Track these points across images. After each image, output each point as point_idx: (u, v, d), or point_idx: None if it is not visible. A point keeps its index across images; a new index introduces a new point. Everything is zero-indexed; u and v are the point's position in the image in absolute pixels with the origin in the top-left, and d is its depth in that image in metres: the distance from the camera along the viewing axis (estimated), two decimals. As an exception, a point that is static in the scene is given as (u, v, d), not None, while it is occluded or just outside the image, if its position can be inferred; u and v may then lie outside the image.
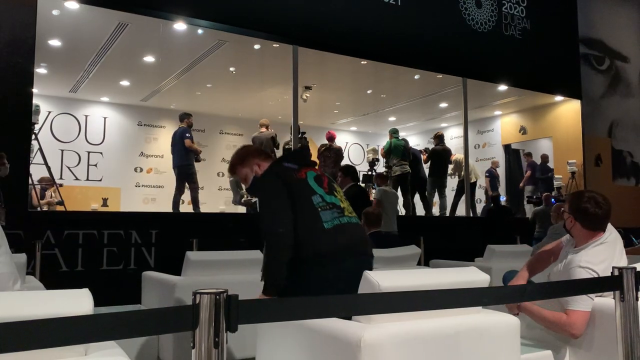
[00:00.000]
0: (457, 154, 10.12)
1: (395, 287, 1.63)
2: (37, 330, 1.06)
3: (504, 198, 11.44)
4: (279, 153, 8.74)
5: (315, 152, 9.34)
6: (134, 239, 5.63)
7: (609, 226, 2.54)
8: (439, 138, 9.85)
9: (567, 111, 10.78)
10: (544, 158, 11.15)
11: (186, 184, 8.34)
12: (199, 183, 8.63)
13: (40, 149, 6.99)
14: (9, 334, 1.02)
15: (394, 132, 9.61)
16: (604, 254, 2.44)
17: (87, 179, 10.65)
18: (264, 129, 8.61)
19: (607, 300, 2.27)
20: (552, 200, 9.54)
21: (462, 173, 9.83)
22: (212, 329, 1.19)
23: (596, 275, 2.35)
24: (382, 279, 1.67)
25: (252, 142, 8.72)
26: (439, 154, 9.60)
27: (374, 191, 8.60)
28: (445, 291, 1.65)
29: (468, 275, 1.90)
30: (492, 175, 11.38)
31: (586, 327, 2.34)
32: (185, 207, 11.15)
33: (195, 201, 8.31)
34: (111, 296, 4.57)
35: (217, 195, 11.08)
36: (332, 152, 8.91)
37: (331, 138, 8.97)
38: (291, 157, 2.75)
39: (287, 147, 8.54)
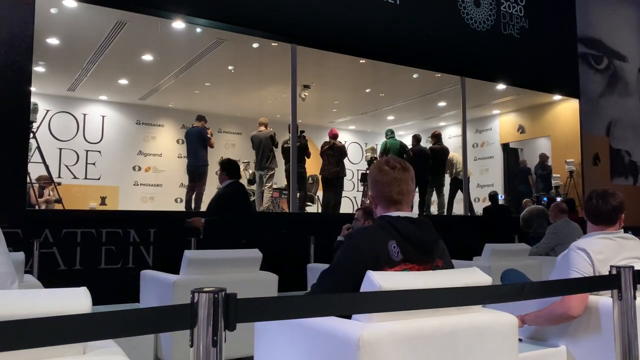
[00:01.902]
0: (450, 152, 10.12)
1: (398, 289, 1.62)
2: (35, 328, 1.06)
3: (503, 197, 11.44)
4: (277, 153, 8.71)
5: (316, 150, 9.36)
6: (132, 237, 5.63)
7: (627, 234, 2.55)
8: (436, 137, 9.85)
9: (566, 110, 10.79)
10: (543, 157, 11.15)
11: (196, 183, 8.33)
12: (189, 180, 8.61)
13: (38, 147, 6.99)
14: (7, 333, 1.02)
15: (388, 133, 9.64)
16: (605, 247, 2.44)
17: (86, 178, 10.64)
18: (262, 128, 8.59)
19: (604, 299, 2.28)
20: (544, 198, 9.55)
21: (454, 171, 9.86)
22: (211, 327, 1.20)
23: (589, 261, 2.37)
24: (384, 280, 1.67)
25: (250, 141, 8.70)
26: (436, 153, 9.60)
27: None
28: (444, 290, 1.65)
29: (470, 277, 1.89)
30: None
31: (584, 326, 2.35)
32: (184, 206, 11.17)
33: (199, 198, 8.31)
34: (109, 295, 4.58)
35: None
36: (335, 150, 8.93)
37: (334, 136, 8.95)
38: (405, 234, 1.90)
39: (285, 145, 8.52)
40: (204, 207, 8.53)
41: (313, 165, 9.42)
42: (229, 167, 4.94)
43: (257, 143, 8.52)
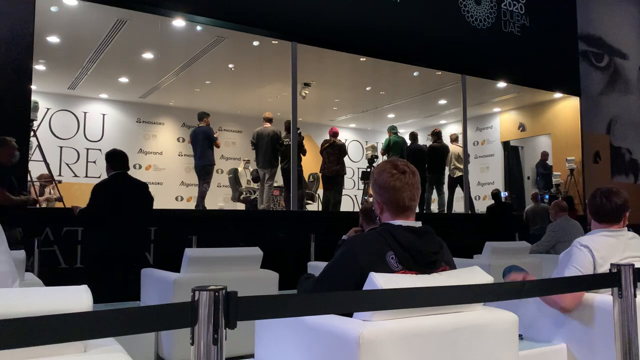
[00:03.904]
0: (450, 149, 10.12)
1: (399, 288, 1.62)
2: (36, 327, 1.06)
3: (506, 194, 11.43)
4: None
5: (317, 149, 9.36)
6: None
7: (631, 233, 2.56)
8: (436, 135, 9.85)
9: (566, 108, 10.79)
10: (544, 155, 11.13)
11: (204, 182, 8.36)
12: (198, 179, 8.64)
13: (39, 145, 6.98)
14: (8, 331, 1.02)
15: (392, 129, 9.60)
16: (608, 245, 2.45)
17: (86, 176, 10.64)
18: (267, 124, 8.51)
19: (605, 297, 2.28)
20: (546, 196, 9.53)
21: (449, 167, 9.89)
22: (211, 325, 1.20)
23: (591, 258, 2.40)
24: (386, 282, 1.66)
25: (252, 136, 8.62)
26: (437, 151, 9.59)
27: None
28: (444, 288, 1.66)
29: (471, 276, 1.89)
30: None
31: (584, 324, 2.35)
32: (184, 204, 11.18)
33: (202, 197, 8.33)
34: (110, 293, 4.57)
35: (216, 192, 11.07)
36: (335, 148, 8.92)
37: (335, 134, 8.93)
38: (405, 245, 1.84)
39: (285, 143, 8.49)
40: (208, 206, 8.58)
41: (313, 163, 9.41)
42: (112, 158, 4.63)
43: (260, 139, 8.44)
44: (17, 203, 4.75)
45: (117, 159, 4.62)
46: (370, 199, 8.52)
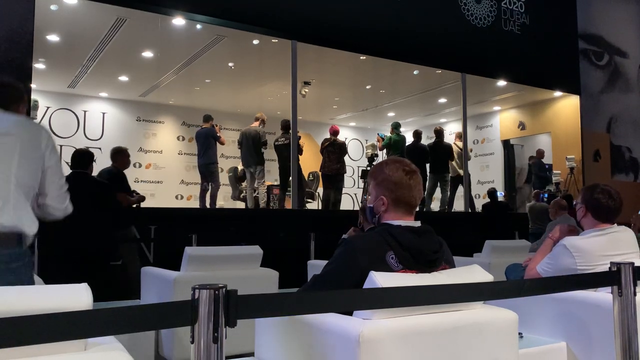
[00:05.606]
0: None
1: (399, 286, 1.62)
2: (36, 325, 1.06)
3: (503, 194, 11.42)
4: (267, 154, 8.68)
5: (317, 147, 9.35)
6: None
7: (621, 227, 2.59)
8: (437, 133, 9.83)
9: (566, 107, 10.78)
10: (540, 153, 11.10)
11: (209, 182, 8.49)
12: (201, 179, 8.70)
13: (38, 144, 6.98)
14: (8, 329, 1.02)
15: (395, 127, 9.58)
16: (599, 245, 2.47)
17: (86, 175, 10.63)
18: (255, 124, 8.55)
19: (604, 295, 2.28)
20: (545, 195, 9.53)
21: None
22: (211, 324, 1.20)
23: (574, 261, 2.48)
24: (386, 281, 1.66)
25: (240, 137, 8.66)
26: (437, 150, 9.58)
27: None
28: (445, 287, 1.66)
29: (470, 275, 1.89)
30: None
31: (584, 322, 2.36)
32: (184, 203, 11.18)
33: (213, 199, 8.41)
34: (110, 292, 4.58)
35: (216, 191, 11.08)
36: (335, 147, 8.91)
37: (335, 133, 8.93)
38: (405, 245, 1.84)
39: (277, 143, 8.50)
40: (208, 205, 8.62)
41: (313, 162, 9.41)
42: (73, 157, 4.63)
43: (244, 138, 8.48)
44: (133, 203, 5.69)
45: (77, 159, 4.62)
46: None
